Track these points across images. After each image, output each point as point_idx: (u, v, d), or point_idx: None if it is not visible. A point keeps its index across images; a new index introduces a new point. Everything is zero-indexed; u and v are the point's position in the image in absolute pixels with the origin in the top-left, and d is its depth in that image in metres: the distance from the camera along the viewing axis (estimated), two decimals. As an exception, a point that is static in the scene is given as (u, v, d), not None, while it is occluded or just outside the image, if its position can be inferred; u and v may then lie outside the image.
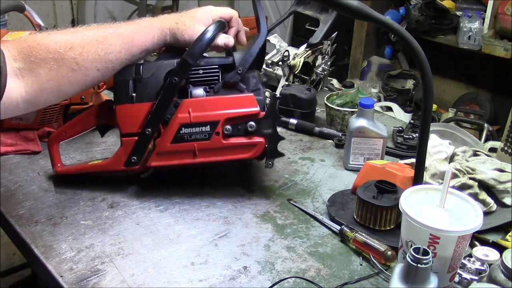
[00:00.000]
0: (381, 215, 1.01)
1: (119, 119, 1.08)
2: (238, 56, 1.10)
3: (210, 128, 1.07)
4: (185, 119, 1.06)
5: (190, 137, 1.07)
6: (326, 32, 1.66)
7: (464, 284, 0.88)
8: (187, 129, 1.06)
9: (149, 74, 1.07)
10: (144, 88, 1.07)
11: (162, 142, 1.07)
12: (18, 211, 1.07)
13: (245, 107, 1.07)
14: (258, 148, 1.09)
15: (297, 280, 0.92)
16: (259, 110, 1.07)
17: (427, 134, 0.94)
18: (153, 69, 1.07)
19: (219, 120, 1.06)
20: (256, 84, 1.10)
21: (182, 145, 1.07)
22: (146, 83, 1.07)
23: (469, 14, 2.73)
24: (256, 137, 1.08)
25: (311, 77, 1.66)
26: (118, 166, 1.11)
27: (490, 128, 2.64)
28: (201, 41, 1.04)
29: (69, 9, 3.43)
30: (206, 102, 1.07)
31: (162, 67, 1.07)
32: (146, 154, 1.08)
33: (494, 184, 1.11)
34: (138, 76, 1.06)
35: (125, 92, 1.07)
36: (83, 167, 1.16)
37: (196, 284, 0.90)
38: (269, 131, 1.09)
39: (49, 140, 1.16)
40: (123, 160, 1.10)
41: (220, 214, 1.08)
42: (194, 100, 1.07)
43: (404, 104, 2.88)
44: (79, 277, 0.90)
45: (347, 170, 1.29)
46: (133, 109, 1.07)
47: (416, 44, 0.88)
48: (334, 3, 0.89)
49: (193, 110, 1.06)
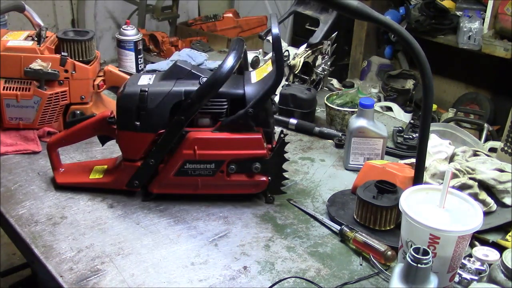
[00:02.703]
0: (381, 215, 1.01)
1: (121, 144, 1.08)
2: (250, 92, 1.05)
3: (215, 166, 1.05)
4: (190, 156, 1.04)
5: (194, 172, 1.06)
6: (326, 32, 1.66)
7: (464, 284, 0.88)
8: (191, 165, 1.05)
9: (155, 104, 1.02)
10: (149, 118, 1.03)
11: (165, 173, 1.06)
12: (18, 211, 1.07)
13: (252, 149, 1.05)
14: (262, 186, 1.10)
15: (297, 280, 0.92)
16: (266, 152, 1.06)
17: (427, 134, 0.94)
18: (158, 98, 1.02)
19: (224, 160, 1.05)
20: (266, 116, 1.07)
21: (185, 178, 1.07)
22: (151, 113, 1.03)
23: (469, 14, 2.73)
24: (260, 176, 1.08)
25: (311, 77, 1.66)
26: (120, 186, 1.10)
27: (490, 128, 2.64)
28: (208, 83, 1.00)
29: (69, 9, 3.42)
30: (213, 141, 1.04)
31: (168, 98, 1.02)
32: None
33: (494, 184, 1.11)
34: (143, 105, 1.02)
35: (129, 120, 1.04)
36: (84, 181, 1.13)
37: (196, 284, 0.90)
38: (274, 171, 1.10)
39: (48, 146, 1.14)
40: (125, 181, 1.09)
41: (220, 214, 1.08)
42: (201, 137, 1.04)
43: (404, 104, 2.88)
44: (79, 277, 0.90)
45: (347, 170, 1.29)
46: (136, 137, 1.05)
47: (416, 44, 0.88)
48: (334, 3, 0.89)
49: (198, 147, 1.03)
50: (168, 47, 2.00)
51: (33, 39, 1.33)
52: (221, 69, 0.99)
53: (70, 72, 1.31)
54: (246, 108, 1.03)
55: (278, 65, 1.03)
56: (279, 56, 1.03)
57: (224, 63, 1.00)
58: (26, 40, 1.33)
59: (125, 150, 1.07)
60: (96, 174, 1.14)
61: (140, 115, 1.03)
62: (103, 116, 1.09)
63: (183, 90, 1.02)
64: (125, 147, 1.07)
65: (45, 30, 1.36)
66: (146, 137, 1.04)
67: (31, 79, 1.29)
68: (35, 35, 1.34)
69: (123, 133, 1.05)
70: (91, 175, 1.14)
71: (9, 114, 1.31)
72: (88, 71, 1.34)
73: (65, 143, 1.15)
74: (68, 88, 1.33)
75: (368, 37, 3.19)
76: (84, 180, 1.13)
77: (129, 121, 1.03)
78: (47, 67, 1.29)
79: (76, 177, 1.14)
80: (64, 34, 1.35)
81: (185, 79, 1.04)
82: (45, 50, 1.31)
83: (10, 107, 1.30)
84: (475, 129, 2.74)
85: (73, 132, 1.13)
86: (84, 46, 1.34)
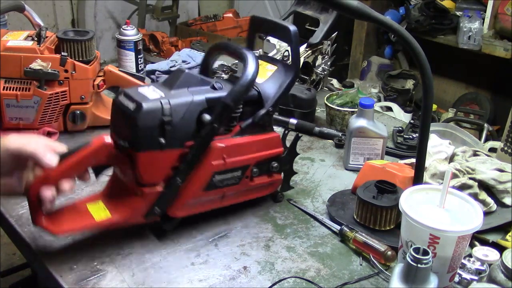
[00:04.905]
0: (381, 215, 1.01)
1: (142, 168, 0.91)
2: (266, 91, 1.02)
3: (241, 173, 1.01)
4: (220, 166, 0.97)
5: (222, 183, 1.00)
6: (326, 32, 1.66)
7: (464, 284, 0.88)
8: (219, 176, 0.98)
9: (180, 116, 0.92)
10: (175, 132, 0.92)
11: (191, 191, 0.97)
12: (18, 211, 1.07)
13: (273, 148, 1.04)
14: (277, 184, 1.10)
15: (297, 280, 0.92)
16: (283, 149, 1.06)
17: (427, 134, 0.94)
18: (183, 110, 0.93)
19: (250, 164, 1.02)
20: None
21: (213, 192, 1.00)
22: (177, 126, 0.92)
23: (469, 14, 2.73)
24: (276, 175, 1.08)
25: (311, 77, 1.66)
26: (136, 220, 0.96)
27: (490, 128, 2.64)
28: (241, 84, 0.95)
29: (69, 9, 3.42)
30: (239, 147, 1.00)
31: (192, 107, 0.94)
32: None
33: (494, 184, 1.11)
34: (168, 120, 0.91)
35: (152, 138, 0.90)
36: (92, 224, 0.93)
37: (196, 284, 0.90)
38: (287, 167, 1.10)
39: (31, 188, 0.87)
40: (143, 212, 0.95)
41: (220, 214, 1.08)
42: (228, 144, 0.98)
43: (404, 104, 2.88)
44: (79, 277, 0.90)
45: (347, 170, 1.29)
46: (161, 156, 0.92)
47: (416, 44, 0.88)
48: (334, 3, 0.89)
49: (227, 156, 0.98)
50: (168, 47, 2.00)
51: (33, 39, 1.33)
52: (248, 69, 0.96)
53: (70, 72, 1.31)
54: (266, 108, 1.02)
55: (295, 61, 1.04)
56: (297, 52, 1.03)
57: (247, 63, 0.97)
58: (26, 40, 1.33)
59: (146, 174, 0.92)
60: (99, 213, 0.95)
61: (165, 130, 0.91)
62: (102, 143, 0.92)
63: (204, 98, 0.95)
64: (146, 171, 0.92)
65: (45, 30, 1.36)
66: (171, 154, 0.93)
67: (31, 79, 1.29)
68: (35, 35, 1.34)
69: (145, 155, 0.91)
70: (94, 213, 0.95)
71: (9, 114, 1.31)
72: (88, 71, 1.34)
73: (50, 183, 0.88)
74: (68, 88, 1.33)
75: (368, 37, 3.19)
76: (91, 222, 0.93)
77: (151, 139, 0.91)
78: (47, 67, 1.29)
79: (78, 222, 0.94)
80: (64, 34, 1.35)
81: (196, 87, 0.97)
82: (45, 50, 1.31)
83: (10, 107, 1.30)
84: (475, 129, 2.73)
85: (63, 169, 0.89)
86: (84, 46, 1.34)
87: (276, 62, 1.10)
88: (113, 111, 0.96)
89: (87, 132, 1.40)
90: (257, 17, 1.13)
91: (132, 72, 1.48)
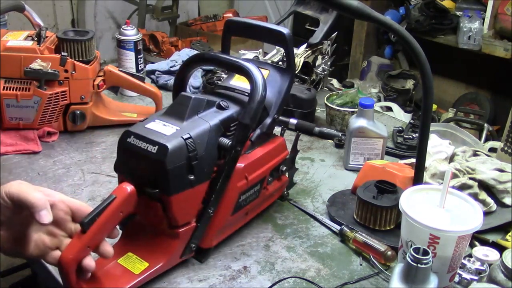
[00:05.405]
0: (381, 215, 1.01)
1: (176, 210, 0.86)
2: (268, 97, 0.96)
3: (259, 186, 1.00)
4: (243, 186, 0.95)
5: (246, 202, 0.98)
6: (326, 32, 1.66)
7: (464, 284, 0.88)
8: (244, 195, 0.97)
9: (203, 148, 0.87)
10: (202, 166, 0.88)
11: (222, 218, 0.94)
12: (18, 211, 1.07)
13: (281, 153, 1.04)
14: (285, 185, 1.11)
15: (297, 280, 0.92)
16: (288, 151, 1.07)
17: (427, 134, 0.94)
18: (204, 140, 0.88)
19: (266, 176, 1.01)
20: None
21: (239, 212, 0.98)
22: (202, 159, 0.87)
23: (469, 14, 2.73)
24: (283, 176, 1.09)
25: (311, 77, 1.66)
26: (175, 261, 0.92)
27: (490, 128, 2.64)
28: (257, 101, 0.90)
29: (69, 9, 3.43)
30: (255, 162, 0.97)
31: (211, 135, 0.89)
32: None
33: (494, 184, 1.11)
34: (194, 155, 0.85)
35: (182, 178, 0.85)
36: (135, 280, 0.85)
37: (196, 284, 0.90)
38: (291, 165, 1.10)
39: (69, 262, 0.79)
40: (179, 253, 0.91)
41: (220, 214, 1.08)
42: (247, 163, 0.95)
43: (404, 104, 2.88)
44: (79, 277, 0.90)
45: (347, 170, 1.29)
46: (192, 193, 0.87)
47: (416, 44, 0.88)
48: (334, 3, 0.89)
49: (248, 174, 0.95)
50: (168, 47, 2.00)
51: (33, 39, 1.33)
52: (257, 83, 0.91)
53: (70, 72, 1.31)
54: (271, 116, 0.99)
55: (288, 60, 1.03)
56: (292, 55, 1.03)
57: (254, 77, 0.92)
58: (26, 40, 1.33)
59: (180, 215, 0.87)
60: (135, 265, 0.88)
61: (193, 166, 0.86)
62: (127, 195, 0.83)
63: (219, 121, 0.90)
64: (180, 212, 0.87)
65: (45, 30, 1.36)
66: (201, 188, 0.89)
67: (31, 79, 1.29)
68: (35, 35, 1.34)
69: (177, 197, 0.85)
70: (131, 268, 0.88)
71: (9, 114, 1.31)
72: (88, 71, 1.34)
73: (92, 249, 0.82)
74: (68, 88, 1.33)
75: (368, 37, 3.19)
76: (133, 277, 0.86)
77: (181, 179, 0.85)
78: (47, 67, 1.29)
79: (121, 282, 0.85)
80: (64, 34, 1.35)
81: (204, 111, 0.91)
82: (45, 50, 1.31)
83: (10, 107, 1.30)
84: (475, 129, 2.73)
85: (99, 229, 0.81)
86: (84, 46, 1.34)
87: (266, 66, 1.06)
88: (126, 156, 0.88)
89: (87, 132, 1.40)
90: (234, 20, 1.07)
91: (132, 72, 1.48)
